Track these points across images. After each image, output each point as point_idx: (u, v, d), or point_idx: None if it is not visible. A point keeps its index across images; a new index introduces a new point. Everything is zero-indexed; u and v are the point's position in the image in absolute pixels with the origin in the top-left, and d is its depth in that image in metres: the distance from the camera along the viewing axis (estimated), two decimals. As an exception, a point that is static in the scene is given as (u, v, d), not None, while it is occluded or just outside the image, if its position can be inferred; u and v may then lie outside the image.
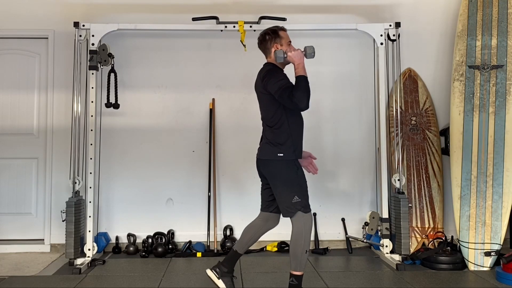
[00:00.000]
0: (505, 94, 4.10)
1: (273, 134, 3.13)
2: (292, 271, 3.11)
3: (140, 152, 4.66)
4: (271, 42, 3.21)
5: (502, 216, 3.96)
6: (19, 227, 4.61)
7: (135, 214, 4.62)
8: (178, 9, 4.67)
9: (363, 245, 4.64)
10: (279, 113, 3.11)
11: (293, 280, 3.10)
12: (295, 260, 3.10)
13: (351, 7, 4.75)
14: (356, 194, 4.73)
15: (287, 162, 3.11)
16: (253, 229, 3.31)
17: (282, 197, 3.13)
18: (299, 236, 3.08)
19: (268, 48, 3.23)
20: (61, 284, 3.58)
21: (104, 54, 4.22)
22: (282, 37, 3.22)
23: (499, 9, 4.21)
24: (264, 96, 3.15)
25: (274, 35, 3.21)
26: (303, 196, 3.11)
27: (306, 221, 3.10)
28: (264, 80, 3.11)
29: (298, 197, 3.07)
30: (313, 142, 4.74)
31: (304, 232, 3.08)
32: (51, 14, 4.64)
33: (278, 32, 3.22)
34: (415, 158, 4.51)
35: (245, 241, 3.30)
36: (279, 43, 3.20)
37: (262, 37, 3.25)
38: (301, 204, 3.08)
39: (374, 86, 4.64)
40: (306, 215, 3.11)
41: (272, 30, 3.24)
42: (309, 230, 3.11)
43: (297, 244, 3.09)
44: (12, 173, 4.65)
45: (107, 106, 4.39)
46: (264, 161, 3.19)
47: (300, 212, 3.08)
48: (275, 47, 3.20)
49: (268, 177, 3.19)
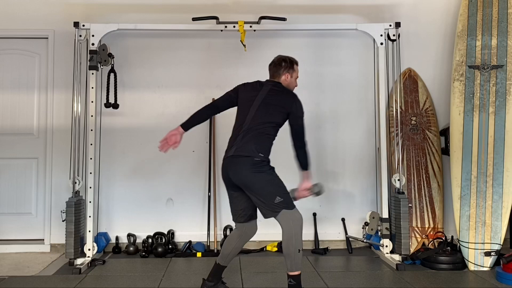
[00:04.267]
0: (505, 94, 4.10)
1: (259, 139, 3.15)
2: (289, 272, 3.08)
3: (140, 152, 4.66)
4: (284, 70, 3.31)
5: (502, 216, 3.96)
6: (19, 227, 4.61)
7: (135, 214, 4.63)
8: (178, 9, 4.68)
9: (363, 245, 4.64)
10: (278, 125, 3.24)
11: (291, 281, 3.08)
12: (290, 260, 3.08)
13: (351, 7, 4.75)
14: (356, 194, 4.73)
15: (264, 163, 3.13)
16: (233, 241, 3.27)
17: (263, 201, 3.07)
18: (290, 235, 3.05)
19: (279, 73, 3.32)
20: (61, 284, 3.58)
21: (104, 54, 4.23)
22: (295, 71, 3.35)
23: (499, 9, 4.21)
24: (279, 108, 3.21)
25: (290, 65, 3.33)
26: (284, 194, 3.10)
27: (294, 218, 3.07)
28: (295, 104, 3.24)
29: (280, 196, 3.06)
30: (313, 142, 4.73)
31: (295, 230, 3.06)
32: (51, 14, 4.64)
33: (294, 64, 3.35)
34: (415, 158, 4.51)
35: (226, 254, 3.26)
36: (291, 75, 3.32)
37: (279, 62, 3.33)
38: (284, 202, 3.06)
39: (374, 86, 4.64)
40: (293, 212, 3.08)
41: (290, 60, 3.34)
42: (299, 228, 3.08)
43: (289, 243, 3.06)
44: (12, 173, 4.65)
45: (107, 106, 4.40)
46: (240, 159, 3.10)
47: (285, 210, 3.05)
48: (285, 75, 3.30)
49: (241, 182, 3.11)
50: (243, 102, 3.30)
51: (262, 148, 3.14)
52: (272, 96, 3.23)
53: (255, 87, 3.31)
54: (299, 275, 3.09)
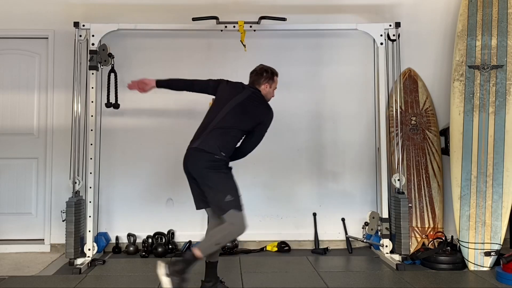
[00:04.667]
0: (505, 94, 4.10)
1: (224, 138, 3.18)
2: (196, 249, 3.01)
3: (140, 152, 4.66)
4: (265, 80, 3.38)
5: (502, 216, 3.96)
6: (19, 227, 4.61)
7: (135, 214, 4.63)
8: (178, 9, 4.67)
9: (363, 245, 4.64)
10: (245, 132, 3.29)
11: (187, 258, 3.00)
12: (206, 243, 3.07)
13: (351, 7, 4.75)
14: (356, 194, 4.73)
15: (223, 162, 3.16)
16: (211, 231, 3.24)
17: (215, 198, 3.11)
18: (223, 230, 3.06)
19: (259, 82, 3.38)
20: (61, 284, 3.58)
21: (104, 54, 4.23)
22: (274, 82, 3.43)
23: (499, 9, 4.21)
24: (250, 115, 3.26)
25: (271, 76, 3.40)
26: (235, 196, 3.11)
27: (238, 221, 3.07)
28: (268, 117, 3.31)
29: (231, 196, 3.08)
30: (313, 142, 4.75)
31: (230, 229, 3.06)
32: (51, 14, 4.64)
33: (274, 76, 3.42)
34: (415, 158, 4.51)
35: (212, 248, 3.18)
36: (270, 85, 3.40)
37: (261, 71, 3.41)
38: (234, 201, 3.07)
39: (374, 86, 4.65)
40: (240, 214, 3.08)
41: (271, 71, 3.42)
42: (235, 232, 3.10)
43: (216, 236, 3.08)
44: (12, 173, 4.65)
45: (107, 106, 4.39)
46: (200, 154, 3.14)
47: (233, 210, 3.06)
48: (265, 85, 3.37)
49: (197, 173, 3.15)
50: (221, 98, 3.36)
51: (225, 148, 3.17)
52: (250, 103, 3.28)
53: (236, 87, 3.38)
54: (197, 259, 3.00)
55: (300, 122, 4.74)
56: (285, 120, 4.69)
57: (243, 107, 3.26)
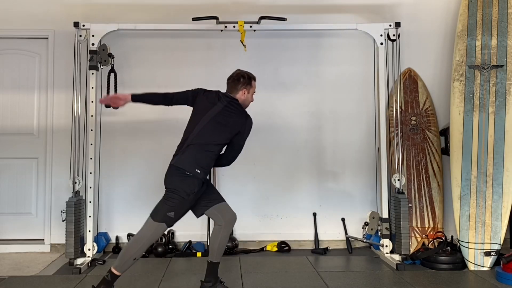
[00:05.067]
0: (505, 94, 4.10)
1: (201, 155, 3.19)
2: (113, 268, 3.09)
3: (140, 152, 4.66)
4: (242, 86, 3.33)
5: (502, 216, 3.96)
6: (19, 227, 4.61)
7: (135, 214, 4.60)
8: (178, 9, 4.68)
9: (363, 245, 4.65)
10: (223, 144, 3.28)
11: (108, 276, 3.08)
12: (122, 259, 3.11)
13: (351, 7, 4.75)
14: (356, 194, 4.73)
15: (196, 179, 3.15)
16: (218, 233, 3.28)
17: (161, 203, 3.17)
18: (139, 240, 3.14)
19: (237, 89, 3.33)
20: (61, 284, 3.58)
21: (104, 54, 4.23)
22: (252, 87, 3.37)
23: (499, 9, 4.21)
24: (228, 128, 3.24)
25: (248, 81, 3.34)
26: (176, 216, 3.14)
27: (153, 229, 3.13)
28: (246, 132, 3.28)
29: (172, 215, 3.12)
30: (313, 142, 4.75)
31: (146, 238, 3.13)
32: (51, 14, 4.65)
33: (251, 81, 3.36)
34: (415, 158, 4.51)
35: (215, 249, 3.28)
36: (248, 91, 3.34)
37: (237, 77, 3.35)
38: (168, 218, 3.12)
39: (374, 86, 4.64)
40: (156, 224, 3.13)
41: (248, 77, 3.36)
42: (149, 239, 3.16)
43: (132, 246, 3.15)
44: (12, 173, 4.65)
45: (107, 106, 4.39)
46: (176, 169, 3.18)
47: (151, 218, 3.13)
48: (242, 91, 3.32)
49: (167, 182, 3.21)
50: (197, 111, 3.34)
51: (201, 164, 3.18)
52: (225, 115, 3.26)
53: (212, 99, 3.33)
54: (118, 276, 3.10)
55: (300, 122, 4.74)
56: (285, 120, 4.70)
57: (218, 121, 3.24)
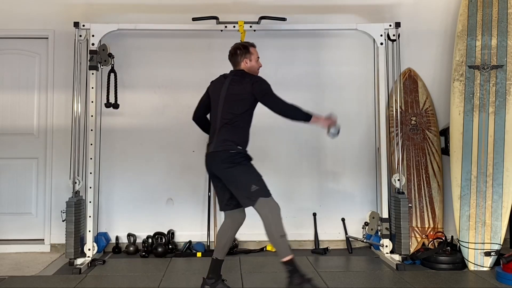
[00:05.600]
0: (505, 94, 4.10)
1: (232, 131, 3.22)
2: (281, 259, 3.12)
3: (140, 152, 4.66)
4: (241, 57, 3.37)
5: (502, 216, 3.96)
6: (19, 227, 4.61)
7: (135, 214, 4.63)
8: (178, 9, 4.68)
9: (363, 245, 4.65)
10: (247, 113, 3.28)
11: (288, 267, 3.12)
12: (277, 247, 3.14)
13: (351, 7, 4.75)
14: (356, 194, 4.73)
15: (241, 154, 3.20)
16: (225, 232, 3.32)
17: (240, 190, 3.16)
18: (268, 223, 3.10)
19: (238, 62, 3.38)
20: (61, 284, 3.58)
21: (104, 54, 4.23)
22: (252, 53, 3.38)
23: (499, 9, 4.21)
24: (241, 95, 3.25)
25: (245, 50, 3.37)
26: (260, 183, 3.15)
27: (271, 206, 3.12)
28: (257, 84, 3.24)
29: (256, 185, 3.12)
30: (313, 142, 4.75)
31: (272, 217, 3.10)
32: (51, 14, 4.65)
33: (249, 48, 3.38)
34: (415, 158, 4.52)
35: (222, 246, 3.31)
36: (249, 58, 3.37)
37: (234, 51, 3.40)
38: (260, 190, 3.12)
39: (374, 86, 4.65)
40: (269, 199, 3.13)
41: (243, 46, 3.40)
42: (277, 214, 3.12)
43: (270, 231, 3.11)
44: (12, 173, 4.65)
45: (107, 106, 4.40)
46: (218, 154, 3.20)
47: (261, 198, 3.11)
48: (244, 61, 3.36)
49: (221, 175, 3.21)
50: (213, 98, 3.39)
51: (238, 140, 3.21)
52: (234, 86, 3.30)
53: (220, 81, 3.41)
54: (292, 259, 3.11)
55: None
56: (285, 120, 4.68)
57: (230, 94, 3.28)
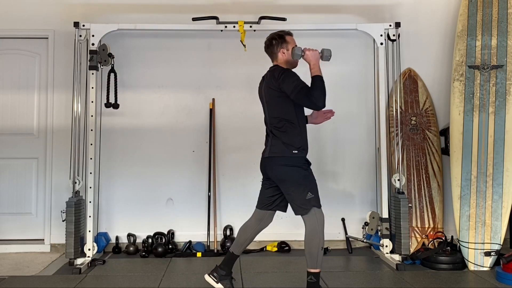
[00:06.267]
0: (505, 94, 4.10)
1: (285, 134, 3.13)
2: (310, 269, 3.11)
3: (140, 152, 4.66)
4: (278, 47, 3.22)
5: (502, 216, 3.96)
6: (19, 227, 4.61)
7: (135, 214, 4.63)
8: (178, 9, 4.68)
9: (363, 245, 4.65)
10: (291, 112, 3.14)
11: (312, 278, 3.10)
12: (312, 258, 3.10)
13: (351, 7, 4.75)
14: (356, 194, 4.73)
15: (299, 159, 3.13)
16: (249, 229, 3.31)
17: (295, 195, 3.10)
18: (314, 234, 3.08)
19: (274, 53, 3.24)
20: (61, 284, 3.58)
21: (104, 54, 4.23)
22: (289, 42, 3.23)
23: (499, 9, 4.21)
24: (276, 94, 3.13)
25: (280, 40, 3.22)
26: (316, 192, 3.13)
27: (320, 217, 3.11)
28: (280, 79, 3.09)
29: (312, 193, 3.09)
30: (313, 142, 4.72)
31: (319, 228, 3.08)
32: (51, 14, 4.64)
33: (284, 37, 3.23)
34: (415, 158, 4.51)
35: (241, 242, 3.30)
36: (286, 48, 3.22)
37: (269, 41, 3.25)
38: (314, 200, 3.09)
39: (374, 86, 4.65)
40: (319, 211, 3.12)
41: (278, 35, 3.24)
42: (323, 227, 3.12)
43: (312, 241, 3.08)
44: (12, 173, 4.65)
45: (107, 106, 4.40)
46: (273, 159, 3.15)
47: (315, 208, 3.09)
48: (281, 51, 3.22)
49: (277, 178, 3.17)
50: (262, 103, 3.31)
51: (292, 143, 3.11)
52: (267, 87, 3.21)
53: (261, 83, 3.32)
54: (319, 273, 3.12)
55: (300, 122, 4.73)
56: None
57: (267, 96, 3.20)
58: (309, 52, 3.15)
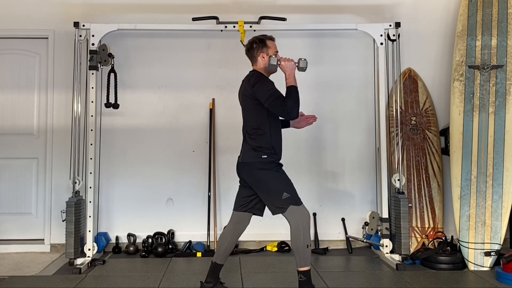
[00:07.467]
0: (505, 94, 4.10)
1: (255, 140, 3.15)
2: (298, 268, 3.10)
3: (140, 152, 4.66)
4: (258, 51, 3.23)
5: (502, 216, 3.96)
6: (19, 227, 4.61)
7: (135, 214, 4.63)
8: (178, 9, 4.68)
9: (363, 245, 4.65)
10: (263, 119, 3.16)
11: (301, 277, 3.09)
12: (299, 255, 3.09)
13: (351, 7, 4.75)
14: (356, 194, 4.73)
15: (269, 163, 3.14)
16: (227, 235, 3.29)
17: (270, 197, 3.12)
18: (298, 231, 3.07)
19: (254, 56, 3.25)
20: (61, 284, 3.58)
21: (104, 54, 4.23)
22: (269, 47, 3.24)
23: (499, 9, 4.21)
24: (250, 101, 3.16)
25: (261, 44, 3.23)
26: (291, 191, 3.12)
27: (301, 214, 3.09)
28: (255, 86, 3.11)
29: (287, 192, 3.09)
30: (313, 142, 4.76)
31: (302, 225, 3.07)
32: (51, 14, 4.65)
33: (265, 41, 3.24)
34: (415, 158, 4.52)
35: (222, 249, 3.27)
36: (266, 53, 3.23)
37: (250, 45, 3.27)
38: (291, 198, 3.09)
39: (374, 86, 4.65)
40: (300, 208, 3.11)
41: (259, 39, 3.25)
42: (306, 223, 3.09)
43: (297, 239, 3.07)
44: (12, 173, 4.65)
45: (107, 106, 4.40)
46: (246, 165, 3.18)
47: (292, 206, 3.08)
48: (261, 56, 3.23)
49: (251, 182, 3.19)
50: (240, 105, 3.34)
51: (261, 149, 3.14)
52: (242, 93, 3.23)
53: (241, 85, 3.32)
54: (309, 270, 3.10)
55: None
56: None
57: (242, 101, 3.23)
58: (285, 63, 3.18)
